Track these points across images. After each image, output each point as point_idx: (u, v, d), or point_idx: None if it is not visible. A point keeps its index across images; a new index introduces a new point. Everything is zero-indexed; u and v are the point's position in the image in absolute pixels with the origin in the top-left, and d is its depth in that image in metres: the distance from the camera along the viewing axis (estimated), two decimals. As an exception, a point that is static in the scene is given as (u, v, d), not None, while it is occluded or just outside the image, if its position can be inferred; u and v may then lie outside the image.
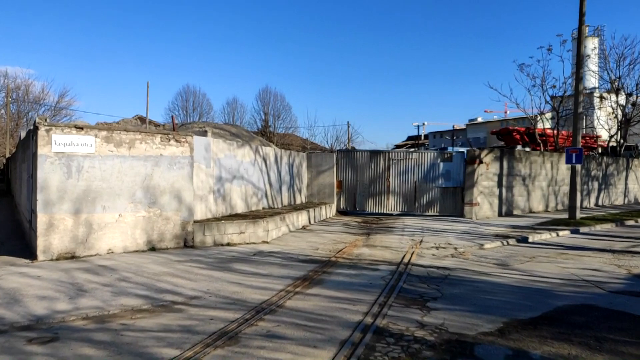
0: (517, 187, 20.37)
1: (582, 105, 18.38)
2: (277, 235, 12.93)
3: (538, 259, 10.68)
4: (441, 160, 19.14)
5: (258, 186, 15.16)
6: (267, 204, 15.89)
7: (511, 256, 10.92)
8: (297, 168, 18.86)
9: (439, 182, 19.10)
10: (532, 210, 21.30)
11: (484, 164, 18.79)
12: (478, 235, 13.76)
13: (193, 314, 6.18)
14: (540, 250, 11.91)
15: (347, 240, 12.79)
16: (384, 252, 10.99)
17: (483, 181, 18.82)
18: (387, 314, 6.20)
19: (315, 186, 19.88)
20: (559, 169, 22.76)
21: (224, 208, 12.99)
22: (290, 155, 18.19)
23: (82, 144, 9.40)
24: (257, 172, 15.14)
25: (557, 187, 22.80)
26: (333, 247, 11.74)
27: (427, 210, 19.28)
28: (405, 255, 10.56)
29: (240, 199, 13.98)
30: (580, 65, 18.02)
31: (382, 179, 19.53)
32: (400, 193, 19.46)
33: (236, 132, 16.83)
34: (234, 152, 13.62)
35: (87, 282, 7.74)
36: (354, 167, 19.75)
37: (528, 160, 20.91)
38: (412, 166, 19.31)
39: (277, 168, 16.73)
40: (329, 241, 12.61)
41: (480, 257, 10.65)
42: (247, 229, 11.81)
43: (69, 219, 9.31)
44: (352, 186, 19.80)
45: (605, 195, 26.72)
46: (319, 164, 19.82)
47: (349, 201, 19.89)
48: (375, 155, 19.65)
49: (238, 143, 13.95)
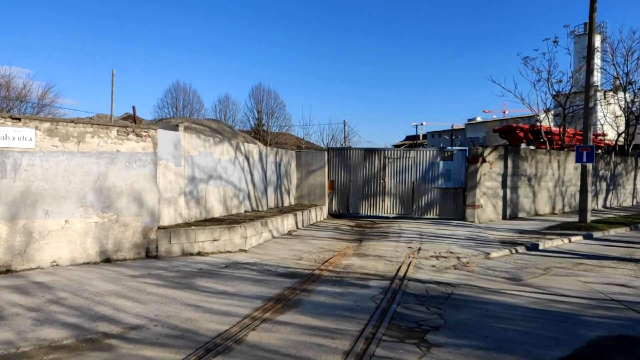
0: (522, 188, 18.98)
1: (593, 100, 17.00)
2: (258, 242, 11.51)
3: (553, 270, 9.28)
4: (441, 159, 17.74)
5: (239, 187, 13.74)
6: (249, 207, 14.46)
7: (522, 267, 9.52)
8: (285, 167, 17.44)
9: (438, 182, 17.71)
10: (538, 213, 19.91)
11: (487, 163, 17.40)
12: (482, 242, 12.37)
13: (123, 354, 4.76)
14: (554, 259, 10.52)
15: (336, 248, 11.38)
16: (376, 263, 9.57)
17: (486, 181, 17.42)
18: (374, 354, 4.79)
19: (306, 187, 18.47)
20: (566, 169, 21.39)
21: (197, 212, 11.57)
22: (278, 153, 16.77)
23: (20, 138, 7.97)
24: (239, 171, 13.72)
25: (564, 188, 21.42)
26: (319, 256, 10.32)
27: (425, 213, 17.87)
28: (401, 267, 9.14)
29: (218, 202, 12.55)
30: (591, 55, 16.66)
31: (377, 179, 18.12)
32: (397, 194, 18.05)
33: (217, 128, 15.42)
34: (211, 149, 12.20)
35: (9, 305, 6.30)
36: (347, 167, 18.34)
37: (534, 159, 19.52)
38: (410, 165, 17.91)
39: (261, 167, 15.32)
40: (315, 249, 11.20)
41: (487, 269, 9.24)
42: (221, 236, 10.39)
43: (2, 226, 7.88)
44: (345, 187, 18.39)
45: (614, 196, 25.36)
46: (309, 163, 18.40)
47: (342, 203, 18.47)
48: (370, 154, 18.23)
49: (216, 139, 12.54)
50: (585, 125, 16.87)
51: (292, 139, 46.98)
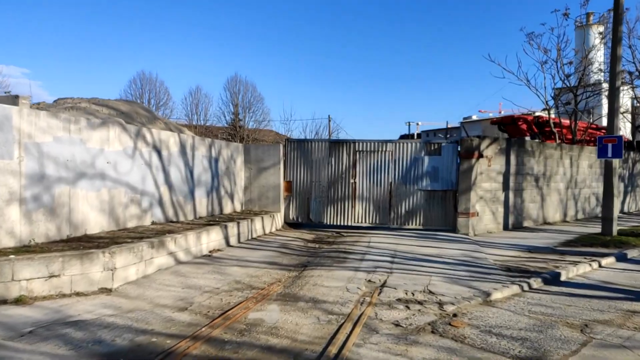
0: (528, 190, 15.21)
1: (619, 78, 13.26)
2: (143, 273, 7.66)
3: (597, 332, 5.48)
4: (426, 154, 13.93)
5: (142, 190, 9.89)
6: (162, 217, 10.61)
7: (545, 326, 5.71)
8: (227, 164, 13.58)
9: (422, 183, 13.90)
10: (547, 221, 16.15)
11: (484, 159, 13.61)
12: (479, 269, 8.57)
13: None
14: (589, 303, 6.73)
15: (259, 283, 7.54)
16: (303, 320, 5.74)
17: (483, 182, 13.64)
18: None
19: (256, 189, 14.62)
20: (579, 167, 17.64)
21: (53, 227, 7.71)
22: (214, 145, 12.90)
23: None
24: (141, 168, 9.87)
25: (577, 191, 17.67)
26: (222, 301, 6.49)
27: (406, 223, 14.06)
28: (340, 331, 5.32)
29: (98, 211, 8.69)
30: (618, 21, 12.92)
31: (346, 180, 14.30)
32: (371, 199, 14.23)
33: (128, 111, 11.60)
34: (83, 134, 8.34)
35: None
36: (309, 163, 14.50)
37: (542, 155, 15.75)
38: (387, 162, 14.09)
39: (185, 163, 11.46)
40: (226, 285, 7.36)
41: (488, 333, 5.42)
42: (66, 269, 6.53)
43: None
44: (306, 189, 14.55)
45: (632, 200, 21.67)
46: (260, 158, 14.56)
47: (301, 209, 14.63)
48: (337, 147, 14.40)
49: (93, 121, 8.66)
50: (610, 110, 13.12)
51: (271, 135, 43.16)
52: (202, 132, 38.43)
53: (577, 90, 20.01)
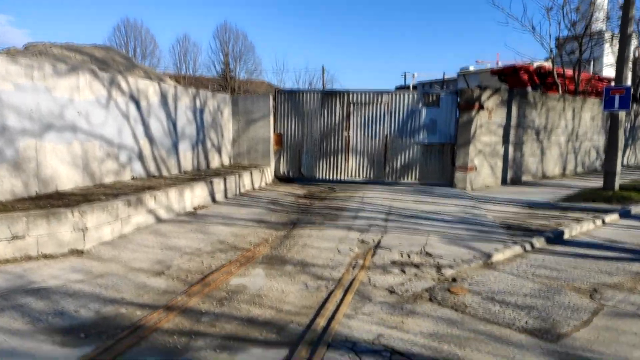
0: (528, 143, 14.63)
1: (632, 23, 12.39)
2: (116, 234, 7.12)
3: (608, 298, 5.06)
4: (424, 106, 13.20)
5: (119, 143, 9.20)
6: (143, 172, 9.98)
7: (551, 292, 5.28)
8: (214, 115, 12.82)
9: (420, 136, 13.26)
10: (546, 175, 15.69)
11: (485, 111, 12.92)
12: (478, 227, 8.11)
13: None
14: (596, 264, 6.30)
15: (244, 243, 7.04)
16: (289, 286, 5.27)
17: (483, 135, 13.02)
18: None
19: (245, 142, 13.93)
20: (581, 119, 17.01)
21: (19, 184, 7.08)
22: (198, 96, 12.08)
23: None
24: (117, 119, 9.13)
25: (577, 144, 17.13)
26: (203, 264, 6.00)
27: (402, 177, 13.53)
28: (330, 299, 4.85)
29: (71, 166, 8.04)
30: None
31: (340, 132, 13.62)
32: (365, 152, 13.62)
33: (103, 57, 10.69)
34: (48, 82, 7.55)
35: None
36: (300, 115, 13.75)
37: (544, 107, 15.06)
38: (382, 114, 13.37)
39: (167, 114, 10.71)
40: (209, 245, 6.86)
41: (491, 301, 4.98)
42: (30, 230, 5.97)
43: None
44: (297, 142, 13.88)
45: (632, 153, 21.24)
46: (248, 110, 13.77)
47: (293, 163, 14.02)
48: (330, 98, 13.61)
49: (60, 68, 7.84)
50: (620, 58, 12.35)
51: (263, 86, 41.86)
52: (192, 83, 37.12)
53: (583, 38, 19.02)
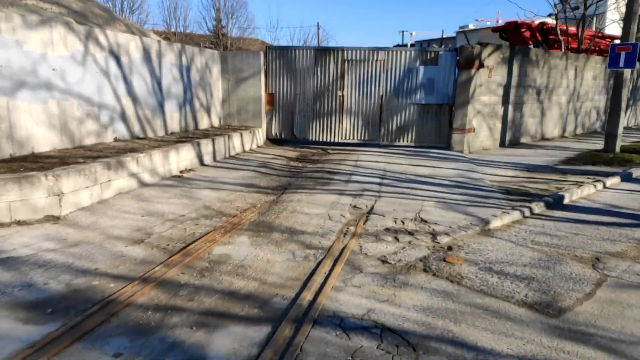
0: (528, 104, 14.17)
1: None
2: (95, 199, 6.77)
3: (612, 268, 4.81)
4: (421, 64, 12.62)
5: (99, 102, 8.70)
6: (126, 133, 9.52)
7: (551, 260, 5.01)
8: (202, 73, 12.22)
9: (416, 96, 12.76)
10: (546, 137, 15.32)
11: (485, 69, 12.38)
12: (476, 191, 7.80)
13: None
14: (597, 231, 6.04)
15: (231, 209, 6.72)
16: (275, 256, 4.97)
17: (482, 95, 12.54)
18: None
19: (235, 102, 13.39)
20: (583, 79, 16.48)
21: (-10, 146, 6.66)
22: (184, 52, 11.46)
23: None
24: (96, 76, 8.59)
25: (578, 104, 16.66)
26: (185, 232, 5.68)
27: (397, 139, 13.11)
28: (318, 270, 4.57)
29: (47, 126, 7.58)
30: None
31: (334, 92, 13.08)
32: (360, 113, 13.13)
33: (81, 10, 9.99)
34: (18, 35, 6.99)
35: None
36: (292, 74, 13.16)
37: (547, 65, 14.50)
38: (378, 72, 12.80)
39: (151, 71, 10.14)
40: (193, 211, 6.53)
41: (488, 271, 4.71)
42: (1, 195, 5.60)
43: None
44: (290, 102, 13.35)
45: (632, 114, 20.80)
46: (238, 68, 13.16)
47: (285, 124, 13.54)
48: (324, 56, 12.99)
49: (31, 19, 7.24)
50: (628, 12, 11.76)
51: (257, 45, 40.63)
52: (182, 40, 35.88)
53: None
